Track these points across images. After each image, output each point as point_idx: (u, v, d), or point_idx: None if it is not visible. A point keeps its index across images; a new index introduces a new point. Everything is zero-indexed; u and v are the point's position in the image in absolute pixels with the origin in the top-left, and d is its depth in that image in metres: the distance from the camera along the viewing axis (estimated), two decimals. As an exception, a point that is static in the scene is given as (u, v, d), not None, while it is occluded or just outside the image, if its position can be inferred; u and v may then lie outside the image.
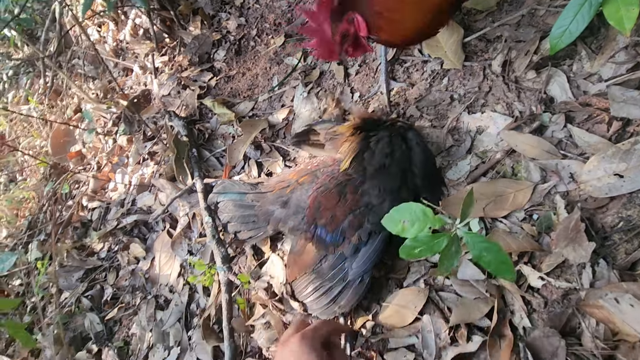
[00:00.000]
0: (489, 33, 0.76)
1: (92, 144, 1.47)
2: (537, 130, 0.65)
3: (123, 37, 1.72)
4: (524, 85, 0.69)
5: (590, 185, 0.56)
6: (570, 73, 0.65)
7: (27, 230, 1.65)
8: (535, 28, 0.71)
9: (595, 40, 0.65)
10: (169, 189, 1.03)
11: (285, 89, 1.04)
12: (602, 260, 0.52)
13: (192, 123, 1.14)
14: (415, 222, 0.44)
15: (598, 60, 0.62)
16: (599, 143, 0.58)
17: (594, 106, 0.60)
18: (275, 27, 1.20)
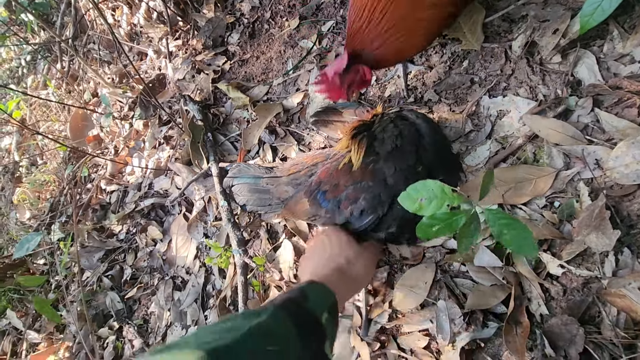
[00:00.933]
0: (513, 12, 0.73)
1: (109, 128, 1.49)
2: (562, 115, 0.62)
3: (137, 20, 1.72)
4: (549, 68, 0.66)
5: (617, 172, 0.54)
6: (600, 54, 0.62)
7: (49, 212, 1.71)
8: (564, 6, 0.67)
9: (629, 19, 0.61)
10: (185, 172, 1.04)
11: (300, 72, 1.03)
12: (626, 249, 0.51)
13: (207, 107, 1.14)
14: (432, 200, 0.43)
15: (631, 40, 0.59)
16: (628, 128, 0.56)
17: (624, 89, 0.57)
18: (290, 9, 1.17)
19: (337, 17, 1.06)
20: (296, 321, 0.41)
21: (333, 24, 1.05)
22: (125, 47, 1.74)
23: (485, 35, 0.75)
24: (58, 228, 1.57)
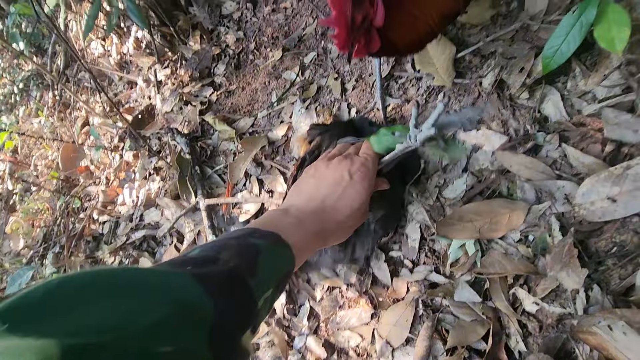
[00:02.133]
0: (483, 48, 0.76)
1: (99, 159, 1.51)
2: (532, 150, 0.65)
3: (127, 50, 1.75)
4: (518, 103, 0.69)
5: (584, 208, 0.55)
6: (565, 91, 0.64)
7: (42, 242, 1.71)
8: (530, 44, 0.70)
9: (589, 57, 0.64)
10: (173, 207, 1.06)
11: (284, 104, 1.05)
12: (595, 285, 0.52)
13: (195, 140, 1.16)
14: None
15: (592, 78, 0.61)
16: (594, 164, 0.58)
17: (588, 126, 0.60)
18: (273, 40, 1.20)
19: (318, 48, 1.09)
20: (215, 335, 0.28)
21: (315, 56, 1.07)
22: (116, 77, 1.77)
23: (457, 71, 0.77)
24: (51, 259, 1.57)
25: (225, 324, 0.29)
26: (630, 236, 0.52)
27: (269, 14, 1.23)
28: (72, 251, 1.46)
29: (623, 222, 0.52)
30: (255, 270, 0.34)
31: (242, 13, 1.28)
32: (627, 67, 0.57)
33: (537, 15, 0.70)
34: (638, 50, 0.57)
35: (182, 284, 0.28)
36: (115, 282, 0.25)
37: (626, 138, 0.54)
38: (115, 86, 1.79)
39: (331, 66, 1.03)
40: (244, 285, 0.33)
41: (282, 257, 0.39)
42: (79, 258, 1.43)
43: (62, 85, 1.75)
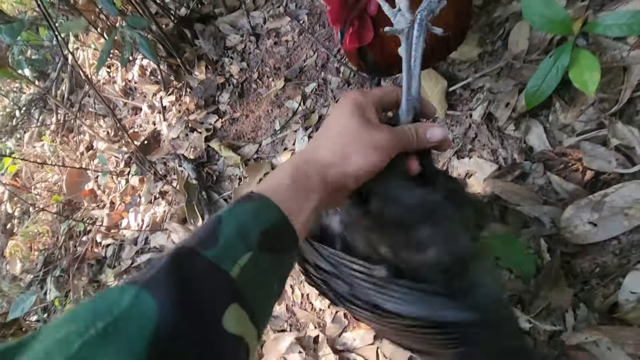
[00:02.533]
0: (473, 83, 0.83)
1: (105, 184, 1.54)
2: (520, 177, 0.70)
3: (132, 76, 1.82)
4: (506, 134, 0.75)
5: (569, 231, 0.61)
6: (547, 124, 0.71)
7: (42, 265, 1.72)
8: (514, 80, 0.77)
9: (568, 93, 0.71)
10: (181, 231, 1.09)
11: (287, 132, 1.11)
12: (582, 304, 0.57)
13: (201, 165, 1.21)
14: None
15: (571, 113, 0.68)
16: (575, 190, 0.64)
17: (569, 156, 0.66)
18: (275, 70, 1.27)
19: (319, 79, 1.16)
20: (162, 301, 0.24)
21: (315, 86, 1.14)
22: (120, 102, 1.83)
23: (450, 103, 0.84)
24: (52, 283, 1.58)
25: (174, 318, 0.24)
26: (611, 258, 0.57)
27: (271, 46, 1.31)
28: (74, 274, 1.47)
29: (603, 245, 0.58)
30: (215, 239, 0.29)
31: (246, 45, 1.36)
32: (600, 104, 0.64)
33: (519, 55, 0.77)
34: (609, 89, 0.64)
35: (111, 300, 0.24)
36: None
37: (603, 168, 0.60)
38: (120, 111, 1.85)
39: (331, 96, 1.10)
40: (193, 259, 0.27)
41: (254, 213, 0.31)
42: (82, 282, 1.44)
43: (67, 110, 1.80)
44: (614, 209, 0.56)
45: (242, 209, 0.31)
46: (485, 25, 0.86)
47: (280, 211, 0.32)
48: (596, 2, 0.72)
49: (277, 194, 0.33)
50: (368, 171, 0.36)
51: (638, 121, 0.61)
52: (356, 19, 0.57)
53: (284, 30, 1.29)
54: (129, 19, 1.13)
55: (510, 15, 0.82)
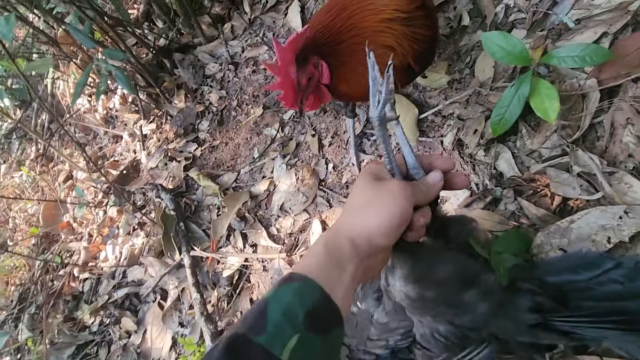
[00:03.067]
0: (443, 109, 0.84)
1: (82, 216, 1.51)
2: (492, 203, 0.71)
3: (113, 105, 1.81)
4: (477, 159, 0.76)
5: (541, 258, 0.61)
6: (515, 149, 0.72)
7: (17, 302, 1.65)
8: (482, 106, 0.79)
9: (533, 118, 0.73)
10: (157, 265, 1.06)
11: (265, 160, 1.11)
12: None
13: (179, 195, 1.19)
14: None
15: (537, 139, 0.69)
16: (546, 216, 0.64)
17: (537, 182, 0.67)
18: (254, 98, 1.28)
19: (296, 106, 1.17)
20: None
21: (293, 113, 1.15)
22: (101, 131, 1.81)
23: (421, 130, 0.85)
24: (27, 322, 1.50)
25: None
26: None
27: (249, 74, 1.32)
28: (49, 312, 1.41)
29: (574, 271, 0.58)
30: (264, 323, 0.31)
31: (225, 73, 1.37)
32: (562, 131, 0.65)
33: (486, 82, 0.80)
34: (570, 116, 0.66)
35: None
36: None
37: (568, 194, 0.61)
38: (101, 140, 1.82)
39: (309, 123, 1.10)
40: (247, 347, 0.30)
41: (297, 294, 0.33)
42: (57, 319, 1.38)
43: (45, 142, 1.78)
44: (581, 235, 0.56)
45: (286, 291, 0.33)
46: (453, 54, 0.89)
47: (321, 289, 0.33)
48: (554, 32, 0.75)
49: (315, 271, 0.34)
50: (391, 223, 0.37)
51: (599, 147, 0.62)
52: (312, 93, 0.60)
53: (262, 59, 1.31)
54: (105, 52, 1.13)
55: (476, 44, 0.85)
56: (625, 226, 0.52)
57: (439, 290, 0.47)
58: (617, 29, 0.66)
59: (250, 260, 0.97)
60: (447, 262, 0.48)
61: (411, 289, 0.47)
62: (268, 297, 0.33)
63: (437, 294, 0.47)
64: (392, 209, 0.37)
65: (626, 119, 0.59)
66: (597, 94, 0.64)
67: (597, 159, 0.58)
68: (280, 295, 0.33)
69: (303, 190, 0.97)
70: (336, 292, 0.34)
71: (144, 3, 1.60)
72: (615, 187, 0.56)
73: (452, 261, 0.48)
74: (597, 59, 0.57)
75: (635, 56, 0.61)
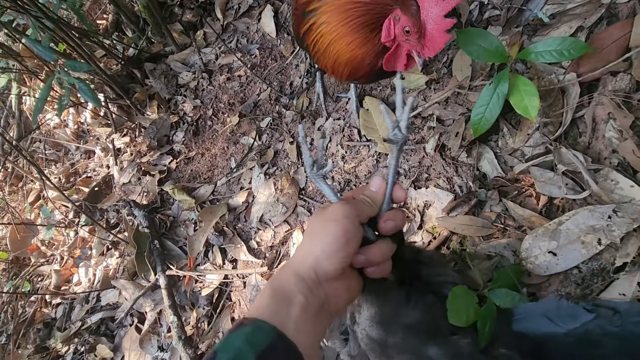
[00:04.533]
0: (423, 111, 0.82)
1: (52, 238, 1.42)
2: (477, 206, 0.68)
3: (84, 119, 1.73)
4: (459, 161, 0.74)
5: (530, 262, 0.58)
6: (497, 149, 0.70)
7: (-14, 333, 1.54)
8: (462, 106, 0.77)
9: (514, 116, 0.71)
10: (130, 288, 1.00)
11: (243, 170, 1.06)
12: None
13: (154, 211, 1.13)
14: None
15: (518, 137, 0.67)
16: (532, 216, 0.62)
17: (521, 182, 0.64)
18: (230, 106, 1.24)
19: (273, 113, 1.13)
20: None
21: (270, 120, 1.11)
22: (73, 147, 1.73)
23: (402, 133, 0.82)
24: (-5, 354, 1.40)
25: None
26: (574, 288, 0.54)
27: (224, 82, 1.27)
28: (19, 342, 1.32)
29: (565, 275, 0.55)
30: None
31: (198, 82, 1.32)
32: (545, 128, 0.63)
33: (464, 82, 0.77)
34: (551, 113, 0.64)
35: None
36: None
37: (553, 193, 0.58)
38: (72, 156, 1.74)
39: (286, 130, 1.06)
40: None
41: (247, 339, 0.31)
42: (28, 350, 1.28)
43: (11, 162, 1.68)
44: (571, 236, 0.54)
45: (236, 338, 0.31)
46: (430, 53, 0.86)
47: (274, 329, 0.32)
48: (529, 28, 0.73)
49: (265, 311, 0.33)
50: (334, 245, 0.36)
51: (582, 143, 0.60)
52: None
53: (237, 66, 1.27)
54: (68, 64, 1.07)
55: (452, 43, 0.83)
56: (615, 226, 0.50)
57: (403, 338, 0.44)
58: (592, 22, 0.64)
59: (230, 276, 0.91)
60: (417, 309, 0.44)
61: (375, 330, 0.44)
62: (217, 347, 0.31)
63: (401, 341, 0.44)
64: (333, 230, 0.36)
65: (607, 113, 0.57)
66: (577, 89, 0.62)
67: (582, 156, 0.56)
68: (231, 343, 0.31)
69: (283, 200, 0.93)
70: (287, 327, 0.32)
71: (112, 13, 1.54)
72: (601, 185, 0.54)
73: (422, 310, 0.44)
74: (574, 53, 0.55)
75: (612, 49, 0.60)
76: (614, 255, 0.51)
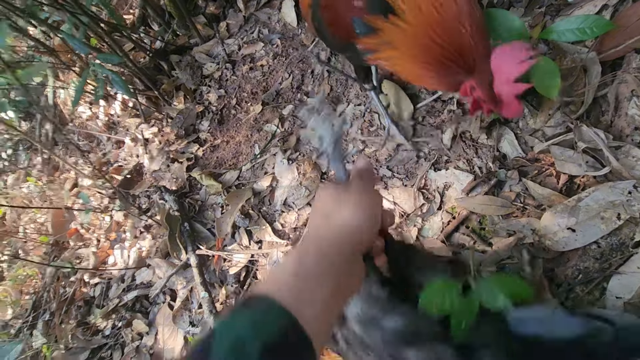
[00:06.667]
0: (443, 94, 0.83)
1: (89, 222, 1.52)
2: (496, 186, 0.70)
3: (114, 111, 1.82)
4: (479, 143, 0.75)
5: (549, 239, 0.59)
6: (517, 130, 0.71)
7: (31, 310, 1.67)
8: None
9: (534, 98, 0.71)
10: (164, 266, 1.07)
11: (266, 156, 1.10)
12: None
13: (183, 196, 1.19)
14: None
15: (539, 118, 0.68)
16: (552, 195, 0.63)
17: (542, 162, 0.65)
18: (253, 95, 1.28)
19: (295, 100, 1.16)
20: None
21: (292, 108, 1.15)
22: (104, 137, 1.83)
23: (422, 116, 0.84)
24: (42, 328, 1.53)
25: None
26: (592, 262, 0.55)
27: (247, 72, 1.31)
28: (62, 318, 1.43)
29: (584, 250, 0.56)
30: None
31: (222, 72, 1.37)
32: (566, 108, 0.64)
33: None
34: (573, 92, 0.64)
35: None
36: None
37: (574, 171, 0.59)
38: (104, 146, 1.84)
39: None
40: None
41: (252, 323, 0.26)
42: (70, 325, 1.39)
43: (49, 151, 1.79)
44: (590, 212, 0.55)
45: (239, 320, 0.26)
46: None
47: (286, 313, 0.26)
48: (553, 8, 0.73)
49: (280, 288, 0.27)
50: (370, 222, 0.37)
51: (604, 122, 0.61)
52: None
53: (259, 55, 1.30)
54: (100, 57, 1.13)
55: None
56: (635, 201, 0.51)
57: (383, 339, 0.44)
58: (617, 0, 0.64)
59: (256, 256, 0.96)
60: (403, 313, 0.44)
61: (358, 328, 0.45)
62: (216, 326, 0.25)
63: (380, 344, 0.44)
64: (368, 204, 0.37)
65: (631, 91, 0.58)
66: (599, 68, 0.62)
67: (603, 133, 0.57)
68: (231, 326, 0.25)
69: (305, 184, 0.96)
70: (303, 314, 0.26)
71: (139, 7, 1.60)
72: (622, 162, 0.55)
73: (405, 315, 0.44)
74: (597, 31, 0.55)
75: (637, 26, 0.60)
76: (633, 230, 0.52)
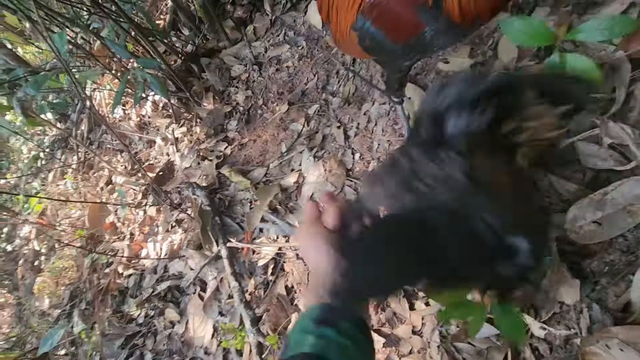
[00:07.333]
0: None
1: (125, 216, 1.61)
2: (522, 181, 0.71)
3: (145, 112, 1.92)
4: (504, 140, 0.76)
5: (575, 232, 0.61)
6: (543, 127, 0.72)
7: (69, 300, 1.78)
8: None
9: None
10: (197, 257, 1.13)
11: (293, 154, 1.15)
12: (595, 304, 0.56)
13: (213, 192, 1.26)
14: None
15: (566, 115, 0.69)
16: (578, 190, 0.64)
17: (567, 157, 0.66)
18: (279, 95, 1.33)
19: (320, 100, 1.20)
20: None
21: (318, 107, 1.19)
22: (136, 137, 1.93)
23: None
24: (79, 316, 1.63)
25: None
26: (618, 255, 0.56)
27: (273, 73, 1.37)
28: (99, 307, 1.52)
29: (610, 243, 0.57)
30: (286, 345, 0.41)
31: (249, 74, 1.43)
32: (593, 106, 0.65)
33: (510, 63, 0.80)
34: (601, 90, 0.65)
35: None
36: None
37: (599, 166, 0.61)
38: (136, 145, 1.94)
39: (333, 116, 1.13)
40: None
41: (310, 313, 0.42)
42: (106, 313, 1.48)
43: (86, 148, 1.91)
44: (617, 206, 0.56)
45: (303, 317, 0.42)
46: (475, 37, 0.89)
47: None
48: (579, 7, 0.74)
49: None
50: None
51: (632, 118, 0.62)
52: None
53: (285, 57, 1.35)
54: (140, 61, 1.21)
55: (498, 26, 0.85)
56: (662, 194, 0.52)
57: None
58: (645, -2, 0.64)
59: (283, 249, 1.01)
60: (461, 172, 0.42)
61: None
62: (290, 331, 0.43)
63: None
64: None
65: (659, 88, 0.58)
66: (628, 66, 0.63)
67: (629, 128, 0.58)
68: (298, 321, 0.41)
69: (331, 180, 1.00)
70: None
71: (169, 13, 1.69)
72: (649, 157, 0.55)
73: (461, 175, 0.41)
74: (625, 30, 0.56)
75: (666, 24, 0.60)
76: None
